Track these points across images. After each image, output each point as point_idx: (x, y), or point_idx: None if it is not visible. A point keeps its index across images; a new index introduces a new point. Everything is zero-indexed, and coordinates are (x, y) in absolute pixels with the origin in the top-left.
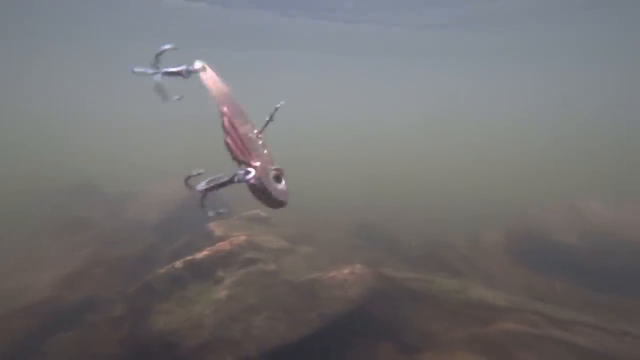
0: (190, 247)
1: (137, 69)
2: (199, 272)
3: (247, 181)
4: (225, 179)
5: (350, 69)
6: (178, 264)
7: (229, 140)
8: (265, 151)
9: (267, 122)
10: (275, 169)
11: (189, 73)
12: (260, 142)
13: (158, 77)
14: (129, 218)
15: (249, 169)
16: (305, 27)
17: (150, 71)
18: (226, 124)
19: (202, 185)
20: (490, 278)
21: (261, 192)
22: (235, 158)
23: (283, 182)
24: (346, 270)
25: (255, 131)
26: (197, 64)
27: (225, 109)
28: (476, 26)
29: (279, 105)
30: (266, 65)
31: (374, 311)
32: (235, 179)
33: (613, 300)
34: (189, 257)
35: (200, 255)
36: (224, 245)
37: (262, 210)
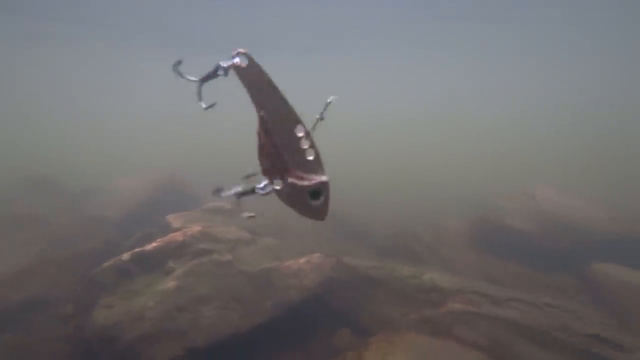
0: (147, 240)
1: (183, 74)
2: (148, 264)
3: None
4: (251, 188)
5: (330, 62)
6: (125, 256)
7: (261, 154)
8: (312, 157)
9: (317, 121)
10: (313, 184)
11: (226, 70)
12: (306, 146)
13: (200, 85)
14: (89, 213)
15: (278, 185)
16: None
17: (193, 78)
18: (261, 133)
19: (233, 192)
20: (450, 264)
21: (293, 206)
22: (266, 172)
23: (321, 198)
24: (303, 260)
25: (302, 134)
26: (236, 57)
27: (262, 113)
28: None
29: (329, 100)
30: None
31: (334, 298)
32: (261, 192)
33: (555, 277)
34: (137, 249)
35: (150, 246)
36: (176, 236)
37: (226, 202)
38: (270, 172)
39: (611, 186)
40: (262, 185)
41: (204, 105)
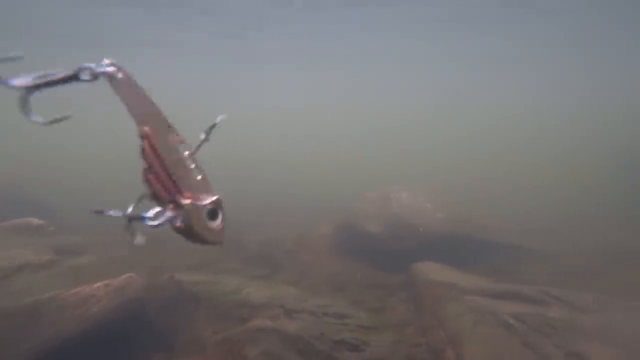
0: None
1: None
2: None
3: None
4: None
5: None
6: None
7: (151, 176)
8: (200, 177)
9: (202, 142)
10: (211, 202)
11: (94, 77)
12: (193, 165)
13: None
14: None
15: (171, 211)
16: None
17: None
18: (148, 151)
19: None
20: (305, 270)
21: (188, 235)
22: (156, 197)
23: (219, 217)
24: (99, 284)
25: (188, 152)
26: (107, 65)
27: (147, 130)
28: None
29: (218, 120)
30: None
31: (147, 322)
32: (152, 222)
33: (392, 277)
34: None
35: None
36: None
37: (39, 217)
38: (159, 197)
39: (455, 186)
40: (151, 213)
41: (39, 120)
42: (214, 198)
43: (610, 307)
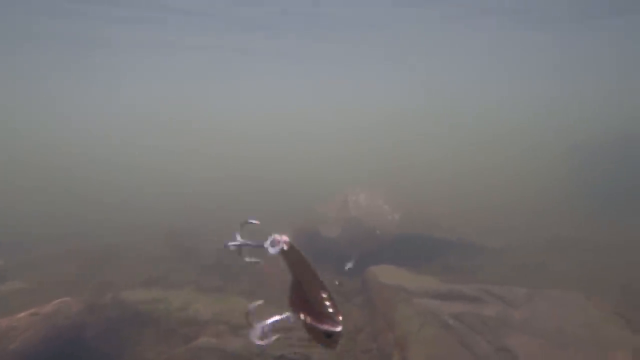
0: None
1: (231, 244)
2: None
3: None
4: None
5: None
6: None
7: (293, 304)
8: (330, 308)
9: (338, 285)
10: (328, 329)
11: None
12: (325, 295)
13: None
14: None
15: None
16: None
17: (239, 243)
18: (295, 292)
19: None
20: (261, 279)
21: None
22: (294, 310)
23: (332, 337)
24: (23, 313)
25: (325, 295)
26: (281, 241)
27: (299, 280)
28: None
29: (347, 266)
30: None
31: (91, 346)
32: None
33: (351, 281)
34: None
35: None
36: None
37: None
38: (296, 312)
39: (415, 186)
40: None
41: (247, 259)
42: (332, 327)
43: (537, 300)
